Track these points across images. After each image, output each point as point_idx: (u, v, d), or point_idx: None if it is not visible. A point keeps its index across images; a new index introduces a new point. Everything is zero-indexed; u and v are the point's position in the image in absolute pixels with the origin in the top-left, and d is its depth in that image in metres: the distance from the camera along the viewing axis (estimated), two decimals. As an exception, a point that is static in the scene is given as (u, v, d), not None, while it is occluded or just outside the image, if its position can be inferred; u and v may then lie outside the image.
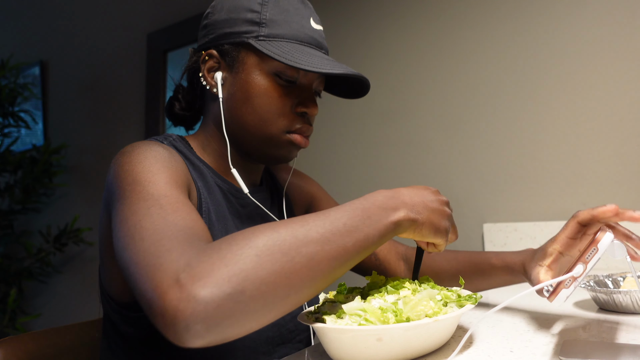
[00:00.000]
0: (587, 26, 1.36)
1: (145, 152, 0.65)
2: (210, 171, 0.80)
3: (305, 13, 0.79)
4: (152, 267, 0.45)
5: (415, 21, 1.66)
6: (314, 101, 0.79)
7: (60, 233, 2.55)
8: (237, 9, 0.77)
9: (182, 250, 0.46)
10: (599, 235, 0.53)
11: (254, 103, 0.76)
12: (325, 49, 0.81)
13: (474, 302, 0.59)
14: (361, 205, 0.56)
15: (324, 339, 0.57)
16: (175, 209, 0.54)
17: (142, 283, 0.45)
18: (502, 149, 1.47)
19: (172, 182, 0.60)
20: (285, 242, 0.47)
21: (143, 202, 0.54)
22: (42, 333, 0.89)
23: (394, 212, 0.57)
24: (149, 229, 0.49)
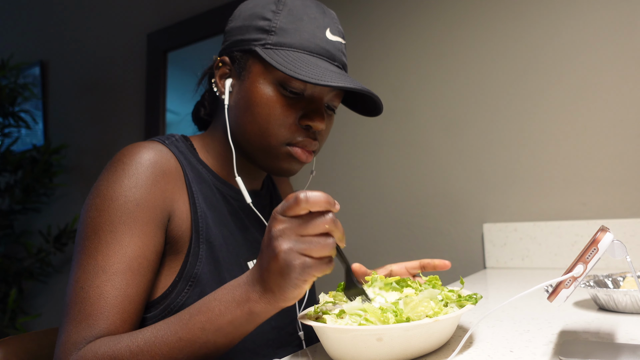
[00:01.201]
0: (587, 26, 1.36)
1: (124, 182, 0.68)
2: (210, 174, 0.80)
3: (323, 23, 0.76)
4: (60, 339, 0.63)
5: (415, 21, 1.66)
6: (321, 115, 0.75)
7: (60, 233, 2.55)
8: (252, 16, 0.77)
9: (75, 336, 0.61)
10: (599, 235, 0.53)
11: (255, 112, 0.74)
12: (340, 61, 0.77)
13: (474, 302, 0.59)
14: (207, 303, 0.59)
15: (324, 338, 0.57)
16: (114, 276, 0.64)
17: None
18: (502, 149, 1.47)
19: (134, 228, 0.67)
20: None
21: (92, 261, 0.65)
22: (42, 333, 0.89)
23: (254, 303, 0.56)
24: (80, 295, 0.63)
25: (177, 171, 0.74)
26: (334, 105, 0.80)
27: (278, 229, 0.53)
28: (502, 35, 1.49)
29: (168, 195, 0.71)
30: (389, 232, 1.65)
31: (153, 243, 0.68)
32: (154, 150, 0.72)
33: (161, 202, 0.70)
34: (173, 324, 0.59)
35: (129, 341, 0.59)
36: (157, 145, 0.74)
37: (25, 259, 2.62)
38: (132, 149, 0.71)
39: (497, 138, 1.48)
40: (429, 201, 1.59)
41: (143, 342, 0.58)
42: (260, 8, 0.77)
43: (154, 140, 0.76)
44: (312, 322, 0.56)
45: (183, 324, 0.58)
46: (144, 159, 0.70)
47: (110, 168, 0.70)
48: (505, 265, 1.42)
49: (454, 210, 1.54)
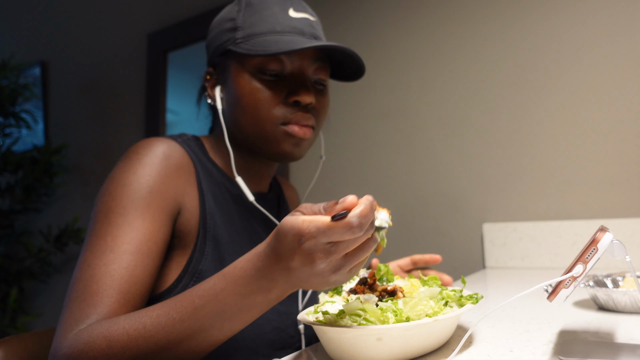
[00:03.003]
0: (587, 26, 1.36)
1: (138, 170, 0.69)
2: (220, 174, 0.81)
3: (284, 5, 0.79)
4: (62, 316, 0.61)
5: (415, 21, 1.66)
6: (306, 87, 0.76)
7: (60, 233, 2.55)
8: (220, 23, 0.81)
9: (78, 314, 0.60)
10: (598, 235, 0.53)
11: (243, 104, 0.76)
12: (311, 35, 0.79)
13: (475, 302, 0.59)
14: (217, 294, 0.52)
15: (324, 339, 0.57)
16: (123, 255, 0.63)
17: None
18: (502, 149, 1.47)
19: (146, 213, 0.66)
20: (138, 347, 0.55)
21: (101, 242, 0.64)
22: (43, 333, 0.89)
23: (263, 294, 0.51)
24: (87, 273, 0.62)
25: (189, 167, 0.75)
26: (320, 79, 0.81)
27: (322, 243, 0.47)
28: (502, 35, 1.49)
29: (179, 189, 0.72)
30: (388, 231, 1.65)
31: (163, 231, 0.68)
32: (168, 145, 0.74)
33: (173, 193, 0.71)
34: (172, 309, 0.55)
35: (125, 324, 0.56)
36: (171, 141, 0.76)
37: (25, 259, 2.62)
38: (147, 142, 0.73)
39: (497, 138, 1.48)
40: (428, 201, 1.59)
41: (142, 326, 0.55)
42: (226, 13, 0.81)
43: (167, 137, 0.78)
44: (312, 322, 0.57)
45: (184, 310, 0.54)
46: (159, 152, 0.72)
47: (125, 159, 0.71)
48: (504, 265, 1.42)
49: (454, 210, 1.54)
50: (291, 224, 0.47)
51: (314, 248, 0.47)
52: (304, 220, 0.47)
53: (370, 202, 0.47)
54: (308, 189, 1.07)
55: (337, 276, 0.49)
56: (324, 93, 0.82)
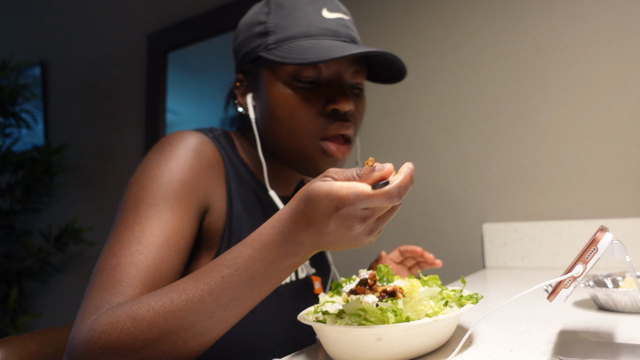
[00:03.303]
0: (587, 26, 1.36)
1: (170, 162, 0.66)
2: (248, 174, 0.79)
3: (317, 5, 0.74)
4: (83, 304, 0.58)
5: (415, 21, 1.66)
6: (344, 94, 0.71)
7: (60, 233, 2.55)
8: (249, 26, 0.76)
9: (99, 301, 0.57)
10: (598, 235, 0.53)
11: (278, 115, 0.72)
12: (347, 36, 0.74)
13: (475, 302, 0.59)
14: (246, 262, 0.51)
15: (324, 339, 0.57)
16: (151, 247, 0.60)
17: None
18: (502, 149, 1.47)
19: (176, 206, 0.64)
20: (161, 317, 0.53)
21: (129, 232, 0.62)
22: (43, 333, 0.89)
23: (289, 258, 0.51)
24: (111, 262, 0.60)
25: (220, 165, 0.73)
26: (357, 83, 0.76)
27: (360, 209, 0.47)
28: (502, 36, 1.49)
29: (210, 187, 0.70)
30: (388, 231, 1.65)
31: (191, 226, 0.66)
32: (201, 140, 0.71)
33: (203, 190, 0.68)
34: (200, 281, 0.53)
35: (150, 300, 0.53)
36: (204, 136, 0.73)
37: (25, 259, 2.62)
38: (181, 134, 0.71)
39: (497, 138, 1.48)
40: (429, 201, 1.59)
41: (169, 301, 0.53)
42: (254, 16, 0.76)
43: (199, 131, 0.74)
44: (311, 322, 0.57)
45: (213, 281, 0.52)
46: (192, 145, 0.69)
47: (157, 149, 0.69)
48: (504, 265, 1.42)
49: (454, 210, 1.54)
50: (327, 189, 0.47)
51: (352, 214, 0.47)
52: (341, 186, 0.47)
53: (411, 172, 0.49)
54: None
55: (369, 238, 0.51)
56: (361, 97, 0.78)
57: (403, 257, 0.97)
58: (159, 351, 0.53)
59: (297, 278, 0.81)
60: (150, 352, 0.52)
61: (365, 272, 0.66)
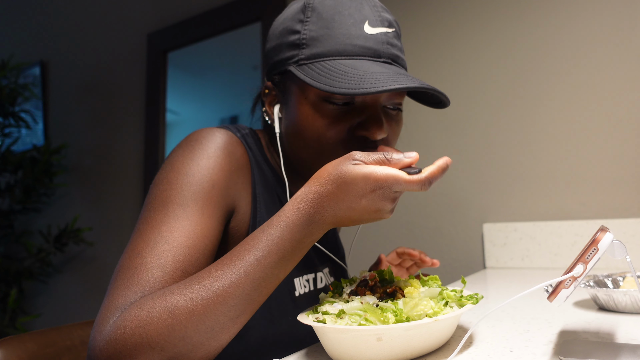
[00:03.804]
0: (587, 27, 1.36)
1: (201, 161, 0.64)
2: (274, 178, 0.76)
3: (359, 17, 0.67)
4: (104, 304, 0.56)
5: (415, 21, 1.66)
6: (378, 122, 0.66)
7: (60, 233, 2.55)
8: (283, 32, 0.70)
9: (122, 300, 0.55)
10: (599, 235, 0.53)
11: (305, 136, 0.67)
12: (388, 55, 0.68)
13: (475, 302, 0.59)
14: (277, 243, 0.54)
15: (324, 339, 0.57)
16: (179, 248, 0.58)
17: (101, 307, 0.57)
18: (502, 149, 1.47)
19: (206, 207, 0.62)
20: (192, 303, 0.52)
21: (156, 231, 0.59)
22: (42, 333, 0.89)
23: (311, 237, 0.55)
24: (136, 261, 0.57)
25: (247, 168, 0.70)
26: (395, 103, 0.71)
27: (392, 191, 0.53)
28: (503, 36, 1.49)
29: (238, 189, 0.68)
30: (388, 231, 1.65)
31: (219, 230, 0.64)
32: (230, 139, 0.68)
33: (232, 193, 0.67)
34: (235, 264, 0.53)
35: (184, 290, 0.52)
36: (233, 135, 0.70)
37: (25, 259, 2.62)
38: (211, 131, 0.68)
39: (498, 138, 1.48)
40: (429, 201, 1.59)
41: (204, 288, 0.52)
42: (289, 21, 0.70)
43: (227, 129, 0.71)
44: (311, 322, 0.56)
45: (248, 264, 0.53)
46: (222, 144, 0.67)
47: (186, 146, 0.66)
48: (505, 265, 1.42)
49: (454, 210, 1.54)
50: (365, 172, 0.52)
51: (387, 195, 0.53)
52: (376, 170, 0.52)
53: (445, 165, 0.54)
54: None
55: (390, 215, 0.56)
56: (398, 119, 0.73)
57: (401, 259, 0.97)
58: (197, 341, 0.52)
59: (315, 287, 0.79)
60: (189, 342, 0.51)
61: (366, 273, 0.66)
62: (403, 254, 0.96)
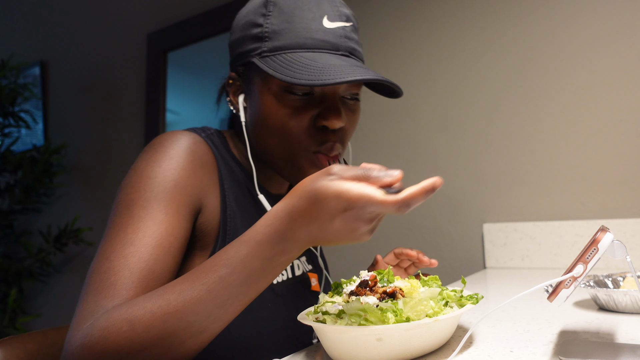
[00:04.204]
0: (587, 26, 1.36)
1: (163, 162, 0.66)
2: (242, 172, 0.78)
3: (318, 12, 0.71)
4: (77, 309, 0.58)
5: (415, 21, 1.66)
6: (336, 112, 0.70)
7: (60, 233, 2.55)
8: (245, 25, 0.74)
9: (94, 306, 0.56)
10: (599, 235, 0.53)
11: (269, 124, 0.71)
12: (346, 48, 0.72)
13: (475, 302, 0.59)
14: (243, 261, 0.52)
15: (324, 339, 0.57)
16: (144, 248, 0.60)
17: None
18: (502, 149, 1.47)
19: (169, 207, 0.63)
20: (156, 315, 0.52)
21: (121, 234, 0.61)
22: (42, 333, 0.89)
23: (285, 255, 0.52)
24: (104, 265, 0.59)
25: (213, 164, 0.72)
26: (352, 94, 0.74)
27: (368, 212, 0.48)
28: (503, 36, 1.49)
29: (203, 186, 0.69)
30: (388, 231, 1.65)
31: (185, 227, 0.65)
32: (193, 139, 0.70)
33: (197, 190, 0.68)
34: (197, 281, 0.53)
35: (147, 303, 0.53)
36: (196, 135, 0.72)
37: (25, 259, 2.62)
38: (173, 134, 0.70)
39: (497, 138, 1.48)
40: (429, 201, 1.59)
41: (166, 302, 0.53)
42: (252, 15, 0.73)
43: (192, 130, 0.74)
44: (312, 323, 0.56)
45: (210, 281, 0.52)
46: (184, 145, 0.69)
47: (149, 150, 0.68)
48: (505, 265, 1.42)
49: (454, 210, 1.54)
50: (336, 190, 0.47)
51: (360, 217, 0.48)
52: (351, 188, 0.47)
53: (428, 188, 0.48)
54: None
55: (368, 236, 0.51)
56: (355, 108, 0.76)
57: (398, 259, 0.97)
58: (156, 353, 0.52)
59: (293, 275, 0.81)
60: (148, 354, 0.52)
61: (365, 273, 0.66)
62: (401, 254, 0.95)
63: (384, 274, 0.66)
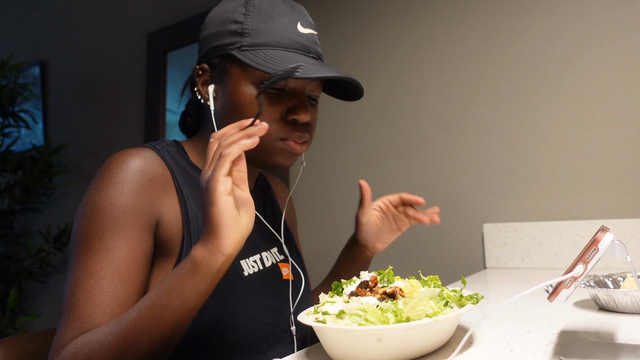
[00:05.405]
0: (587, 26, 1.36)
1: (110, 190, 0.70)
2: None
3: (293, 18, 0.78)
4: (53, 341, 0.66)
5: (415, 21, 1.66)
6: (305, 107, 0.77)
7: (60, 233, 2.55)
8: (223, 22, 0.79)
9: (64, 339, 0.65)
10: (599, 235, 0.53)
11: (241, 113, 0.76)
12: (315, 52, 0.80)
13: (475, 302, 0.59)
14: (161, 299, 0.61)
15: (324, 339, 0.57)
16: (102, 280, 0.66)
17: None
18: (502, 149, 1.47)
19: (121, 233, 0.69)
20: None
21: (82, 268, 0.67)
22: (42, 333, 0.89)
23: (196, 277, 0.60)
24: (70, 300, 0.66)
25: (165, 177, 0.75)
26: (315, 95, 0.82)
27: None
28: (502, 35, 1.49)
29: (155, 201, 0.73)
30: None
31: (141, 246, 0.70)
32: (140, 158, 0.74)
33: (147, 207, 0.71)
34: (140, 300, 0.63)
35: (104, 326, 0.62)
36: (146, 152, 0.75)
37: (25, 259, 2.62)
38: (120, 157, 0.73)
39: (497, 138, 1.48)
40: (429, 201, 1.59)
41: (115, 321, 0.62)
42: (230, 13, 0.79)
43: (145, 146, 0.78)
44: (312, 323, 0.56)
45: (145, 296, 0.62)
46: (130, 167, 0.72)
47: (98, 176, 0.72)
48: (505, 265, 1.42)
49: (454, 210, 1.54)
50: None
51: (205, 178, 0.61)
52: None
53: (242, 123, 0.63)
54: (290, 193, 1.05)
55: (218, 182, 0.59)
56: (316, 108, 0.84)
57: (401, 203, 1.01)
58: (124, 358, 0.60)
59: (264, 267, 0.84)
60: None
61: (365, 274, 0.66)
62: (407, 200, 1.00)
63: (384, 274, 0.66)
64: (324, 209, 1.80)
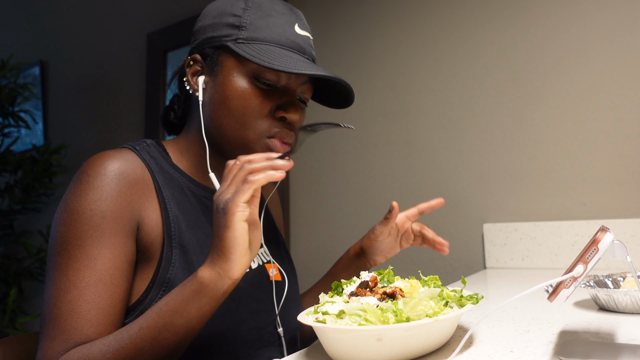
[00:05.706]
0: (587, 26, 1.36)
1: (88, 195, 0.68)
2: (183, 177, 0.79)
3: (291, 19, 0.78)
4: (37, 355, 0.65)
5: (415, 21, 1.66)
6: (295, 106, 0.76)
7: (60, 233, 2.54)
8: (221, 14, 0.79)
9: (50, 352, 0.63)
10: (599, 235, 0.53)
11: (230, 105, 0.75)
12: (310, 55, 0.79)
13: (475, 302, 0.59)
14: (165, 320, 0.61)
15: (324, 339, 0.57)
16: (85, 289, 0.65)
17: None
18: (502, 149, 1.47)
19: (102, 240, 0.67)
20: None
21: (64, 277, 0.65)
22: (42, 333, 0.88)
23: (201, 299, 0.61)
24: (54, 312, 0.64)
25: (145, 179, 0.73)
26: (305, 97, 0.82)
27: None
28: (502, 35, 1.49)
29: (135, 205, 0.71)
30: (389, 232, 1.65)
31: (124, 253, 0.68)
32: (119, 160, 0.71)
33: (128, 212, 0.70)
34: (139, 318, 0.62)
35: (100, 343, 0.61)
36: (125, 154, 0.73)
37: (25, 259, 2.62)
38: (98, 160, 0.71)
39: (497, 138, 1.48)
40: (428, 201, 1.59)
41: (112, 338, 0.61)
42: (229, 6, 0.78)
43: (124, 147, 0.76)
44: (311, 323, 0.56)
45: (145, 315, 0.62)
46: (109, 170, 0.70)
47: (76, 180, 0.70)
48: (505, 265, 1.42)
49: (454, 210, 1.54)
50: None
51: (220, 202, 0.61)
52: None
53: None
54: (274, 189, 1.01)
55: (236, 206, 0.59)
56: (304, 111, 0.83)
57: (419, 215, 1.01)
58: None
59: (250, 268, 0.82)
60: None
61: (366, 274, 0.66)
62: (426, 209, 1.01)
63: (384, 274, 0.66)
64: (323, 208, 1.80)
